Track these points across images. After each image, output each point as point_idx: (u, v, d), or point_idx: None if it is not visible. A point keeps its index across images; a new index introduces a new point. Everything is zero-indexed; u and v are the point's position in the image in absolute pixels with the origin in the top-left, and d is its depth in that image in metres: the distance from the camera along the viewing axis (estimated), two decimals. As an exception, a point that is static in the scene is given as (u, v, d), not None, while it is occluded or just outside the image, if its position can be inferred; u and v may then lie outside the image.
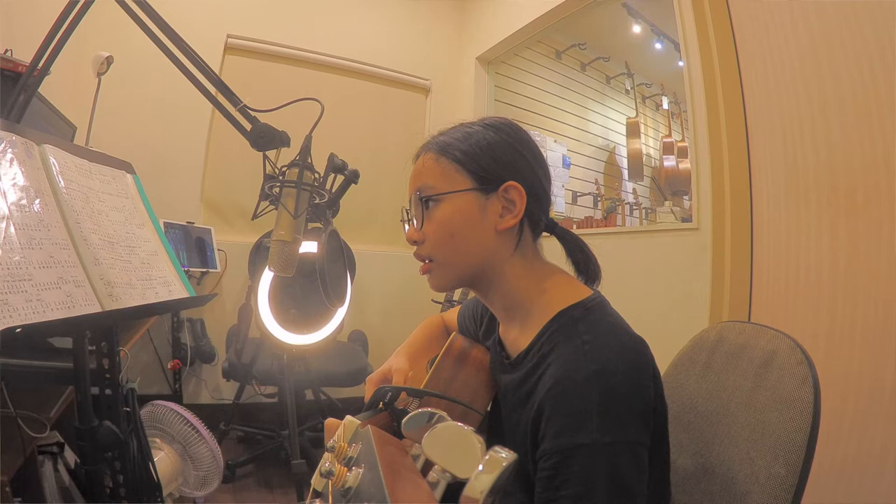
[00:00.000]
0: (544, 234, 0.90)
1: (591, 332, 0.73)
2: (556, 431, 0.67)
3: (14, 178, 0.84)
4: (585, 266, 0.88)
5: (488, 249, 0.83)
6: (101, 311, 0.87)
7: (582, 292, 0.82)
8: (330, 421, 0.83)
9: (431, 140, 0.89)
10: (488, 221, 0.82)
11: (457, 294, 2.91)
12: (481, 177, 0.82)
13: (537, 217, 0.86)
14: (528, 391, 0.77)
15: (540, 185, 0.86)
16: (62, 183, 0.94)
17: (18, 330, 0.66)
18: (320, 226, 1.33)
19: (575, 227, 3.18)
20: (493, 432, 0.93)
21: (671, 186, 4.23)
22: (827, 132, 1.59)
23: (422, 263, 0.87)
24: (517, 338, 0.86)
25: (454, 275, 0.86)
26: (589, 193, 4.25)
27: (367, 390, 0.95)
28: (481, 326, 1.03)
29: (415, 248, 0.88)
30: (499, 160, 0.83)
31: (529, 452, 0.74)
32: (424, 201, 0.83)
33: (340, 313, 2.29)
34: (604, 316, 0.78)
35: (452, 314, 1.17)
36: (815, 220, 1.61)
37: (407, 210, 0.90)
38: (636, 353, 0.73)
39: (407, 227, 0.92)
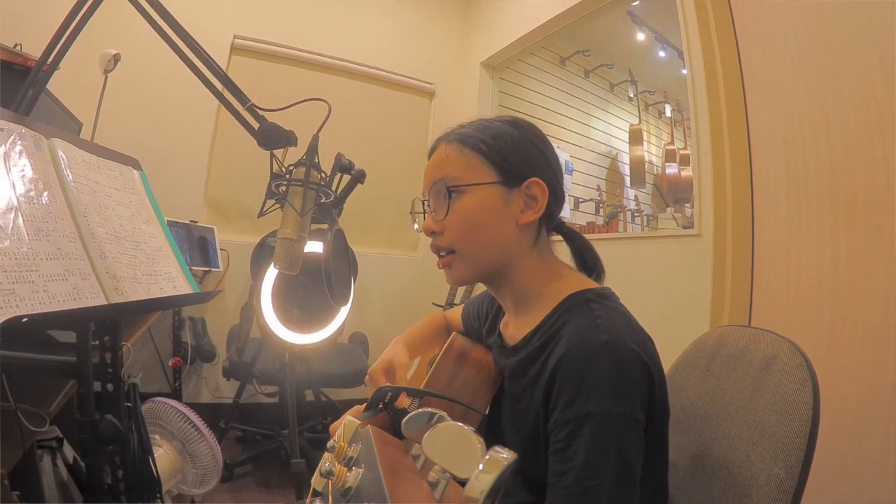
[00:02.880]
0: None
1: (603, 311, 0.75)
2: (569, 400, 0.69)
3: (23, 170, 0.84)
4: (594, 263, 0.90)
5: (509, 243, 0.84)
6: (106, 303, 0.87)
7: (593, 283, 0.85)
8: (335, 425, 0.84)
9: (452, 131, 0.89)
10: (510, 215, 0.83)
11: (458, 296, 2.91)
12: (506, 170, 0.83)
13: (553, 215, 0.88)
14: (538, 369, 0.78)
15: (558, 184, 0.88)
16: (70, 176, 0.95)
17: (25, 319, 0.67)
18: (324, 227, 1.33)
19: (577, 232, 3.18)
20: (492, 431, 0.94)
21: (673, 194, 4.23)
22: (828, 140, 1.60)
23: (438, 257, 0.87)
24: (519, 329, 0.87)
25: (475, 267, 0.86)
26: (591, 199, 4.25)
27: (369, 384, 0.96)
28: (486, 323, 1.03)
29: (431, 240, 0.88)
30: (523, 156, 0.85)
31: (539, 435, 0.75)
32: (449, 191, 0.83)
33: (343, 313, 2.30)
34: (613, 304, 0.80)
35: (454, 313, 1.18)
36: (816, 226, 1.62)
37: (424, 201, 0.90)
38: (645, 339, 0.75)
39: (415, 218, 0.93)
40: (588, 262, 0.91)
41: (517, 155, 0.84)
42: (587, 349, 0.70)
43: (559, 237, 0.93)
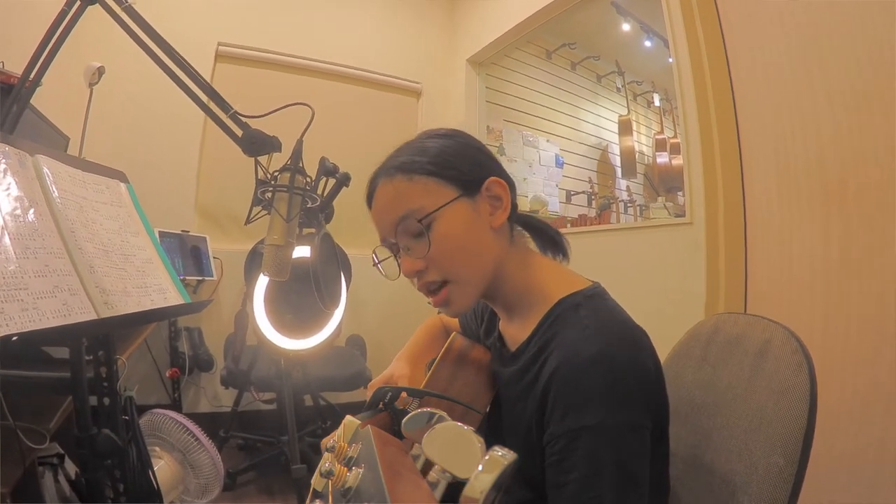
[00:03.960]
0: None
1: (593, 317, 0.74)
2: (562, 414, 0.68)
3: (8, 189, 0.84)
4: (559, 240, 0.90)
5: (493, 250, 0.82)
6: (97, 318, 0.87)
7: (581, 282, 0.83)
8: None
9: (386, 166, 0.85)
10: (483, 222, 0.81)
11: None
12: (462, 181, 0.81)
13: (515, 207, 0.87)
14: (531, 379, 0.77)
15: (508, 176, 0.86)
16: (56, 192, 0.94)
17: (15, 338, 0.66)
18: (314, 231, 1.33)
19: (569, 225, 3.19)
20: (492, 432, 0.93)
21: (664, 183, 4.25)
22: (817, 123, 1.60)
23: (429, 295, 0.84)
24: (518, 330, 0.86)
25: (474, 289, 0.83)
26: (583, 192, 4.27)
27: (369, 396, 0.95)
28: (482, 323, 1.03)
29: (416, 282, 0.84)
30: (470, 161, 0.83)
31: (535, 441, 0.74)
32: (422, 224, 0.78)
33: (337, 317, 2.28)
34: (604, 303, 0.79)
35: (451, 314, 1.17)
36: (808, 211, 1.62)
37: (391, 244, 0.85)
38: (638, 338, 0.74)
39: (382, 268, 0.88)
40: (554, 237, 0.90)
41: (465, 162, 0.82)
42: (579, 362, 0.69)
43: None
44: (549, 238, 0.91)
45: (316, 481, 0.58)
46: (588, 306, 0.76)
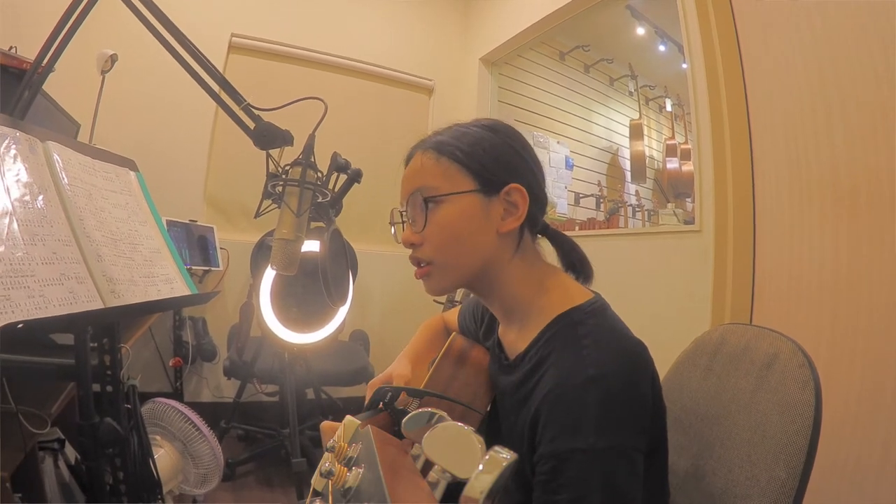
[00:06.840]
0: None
1: (590, 337, 0.73)
2: (553, 436, 0.67)
3: (18, 175, 0.84)
4: (581, 266, 0.88)
5: (489, 252, 0.82)
6: (102, 307, 0.87)
7: (582, 295, 0.82)
8: (326, 424, 0.83)
9: (427, 139, 0.87)
10: (490, 223, 0.81)
11: (458, 294, 2.91)
12: (484, 178, 0.80)
13: (537, 219, 0.86)
14: (525, 394, 0.77)
15: (539, 187, 0.85)
16: (65, 180, 0.94)
17: (20, 325, 0.67)
18: (323, 225, 1.33)
19: (577, 228, 3.19)
20: (491, 432, 0.93)
21: (674, 189, 4.23)
22: (830, 134, 1.59)
23: (416, 268, 0.86)
24: (516, 339, 0.85)
25: (454, 278, 0.84)
26: (592, 195, 4.25)
27: (368, 395, 0.95)
28: (482, 325, 1.02)
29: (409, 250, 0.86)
30: (500, 162, 0.82)
31: (527, 455, 0.73)
32: (426, 202, 0.80)
33: (342, 312, 2.29)
34: (603, 320, 0.77)
35: (453, 314, 1.17)
36: (818, 222, 1.61)
37: (402, 212, 0.88)
38: (635, 358, 0.72)
39: (394, 229, 0.91)
40: (575, 263, 0.88)
41: (495, 161, 0.82)
42: (573, 385, 0.68)
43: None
44: (569, 262, 0.89)
45: (316, 481, 0.58)
46: (587, 324, 0.75)
